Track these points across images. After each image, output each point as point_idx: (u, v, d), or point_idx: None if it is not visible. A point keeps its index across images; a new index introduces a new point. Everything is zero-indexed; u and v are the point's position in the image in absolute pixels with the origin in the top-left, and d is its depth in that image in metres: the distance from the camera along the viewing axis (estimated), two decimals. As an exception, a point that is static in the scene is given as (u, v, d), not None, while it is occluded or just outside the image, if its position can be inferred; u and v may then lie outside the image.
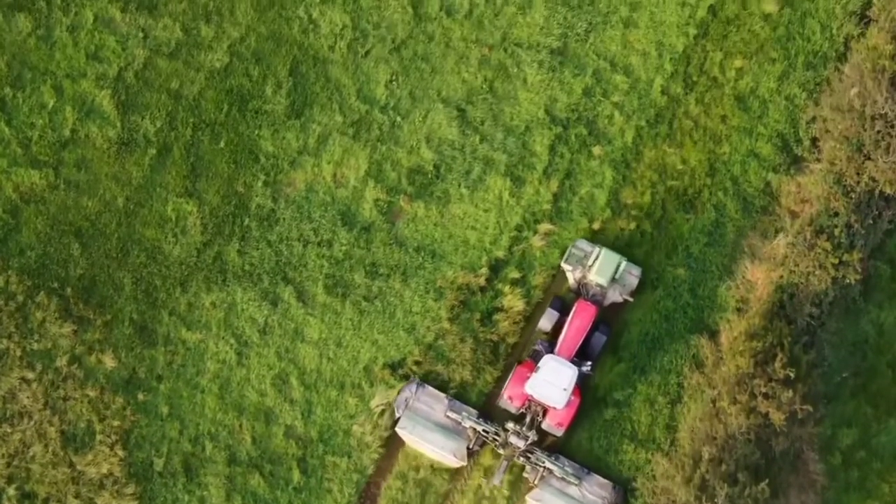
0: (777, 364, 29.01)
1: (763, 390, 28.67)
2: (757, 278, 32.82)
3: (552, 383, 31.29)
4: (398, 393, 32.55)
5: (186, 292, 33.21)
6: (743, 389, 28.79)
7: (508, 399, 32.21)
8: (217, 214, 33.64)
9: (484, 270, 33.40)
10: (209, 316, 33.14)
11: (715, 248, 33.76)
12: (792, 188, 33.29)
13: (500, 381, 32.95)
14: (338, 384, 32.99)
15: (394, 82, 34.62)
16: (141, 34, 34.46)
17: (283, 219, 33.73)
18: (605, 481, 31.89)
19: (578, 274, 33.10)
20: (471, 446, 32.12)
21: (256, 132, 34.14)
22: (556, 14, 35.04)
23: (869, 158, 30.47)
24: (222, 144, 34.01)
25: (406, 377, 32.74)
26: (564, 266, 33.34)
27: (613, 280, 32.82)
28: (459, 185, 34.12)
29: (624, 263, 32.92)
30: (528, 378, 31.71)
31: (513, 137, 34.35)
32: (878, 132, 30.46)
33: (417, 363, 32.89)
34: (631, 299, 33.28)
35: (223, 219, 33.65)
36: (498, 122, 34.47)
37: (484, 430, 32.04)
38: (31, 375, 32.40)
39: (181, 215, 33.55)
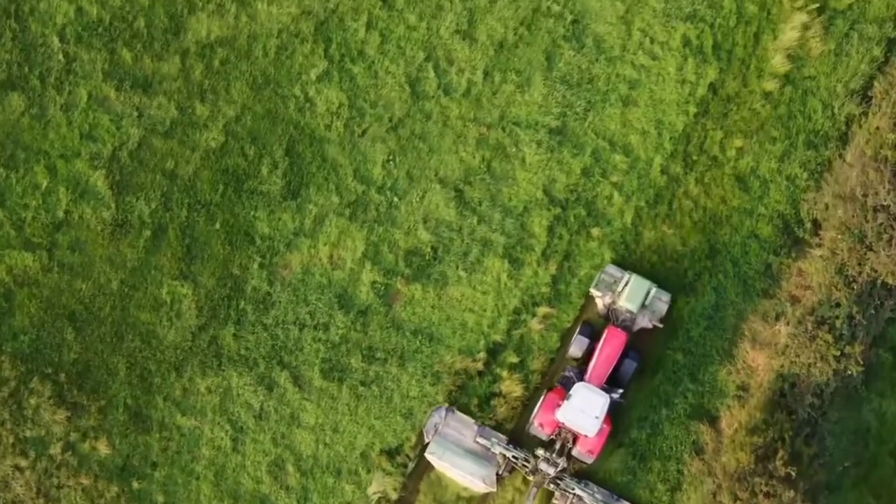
0: (778, 462, 29.38)
1: (764, 489, 28.99)
2: (758, 364, 33.14)
3: (584, 411, 32.04)
4: (427, 418, 33.31)
5: (181, 377, 33.43)
6: (744, 487, 29.14)
7: (539, 426, 33.03)
8: (212, 297, 33.91)
9: (482, 355, 33.74)
10: (204, 401, 33.38)
11: (715, 332, 34.12)
12: (793, 271, 33.65)
13: (527, 407, 33.48)
14: (334, 471, 33.21)
15: (391, 162, 34.97)
16: (135, 113, 34.78)
17: (279, 302, 34.01)
18: None
19: (608, 300, 33.90)
20: (500, 472, 33.01)
21: (252, 213, 34.44)
22: (554, 93, 35.43)
23: (871, 249, 30.84)
24: (218, 226, 34.30)
25: (404, 465, 33.01)
26: (594, 292, 34.17)
27: (643, 306, 33.53)
28: (457, 267, 34.42)
29: (654, 290, 33.68)
30: (559, 405, 32.56)
31: (511, 218, 34.67)
32: (881, 224, 30.91)
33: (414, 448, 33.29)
34: (661, 325, 34.00)
35: (218, 302, 33.92)
36: (496, 203, 34.80)
37: (514, 457, 32.93)
38: (24, 463, 32.64)
39: (176, 298, 33.80)
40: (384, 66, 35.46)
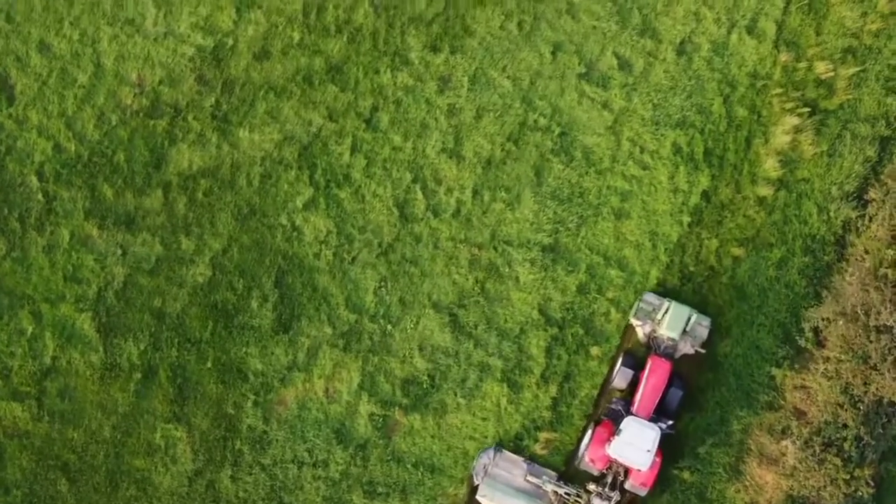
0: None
1: None
2: (766, 481, 33.48)
3: (635, 445, 32.84)
4: (476, 460, 33.97)
5: (179, 524, 33.61)
6: None
7: (590, 461, 33.74)
8: (207, 439, 34.07)
9: (485, 485, 34.03)
10: (204, 548, 33.56)
11: (721, 448, 34.51)
12: (797, 383, 33.94)
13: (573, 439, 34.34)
14: None
15: (382, 289, 35.23)
16: (119, 251, 35.00)
17: (276, 440, 34.19)
18: None
19: (648, 328, 34.78)
20: None
21: (244, 349, 34.65)
22: (545, 209, 35.77)
23: (875, 370, 31.17)
24: (209, 364, 34.50)
25: None
26: (634, 321, 34.96)
27: (684, 332, 34.25)
28: (455, 394, 34.68)
29: (694, 316, 34.53)
30: (609, 440, 33.36)
31: (508, 341, 34.97)
32: (885, 346, 31.30)
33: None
34: (703, 351, 34.70)
35: (214, 444, 34.08)
36: (492, 326, 35.08)
37: (566, 493, 33.68)
38: None
39: (170, 442, 33.96)
40: (371, 189, 35.83)
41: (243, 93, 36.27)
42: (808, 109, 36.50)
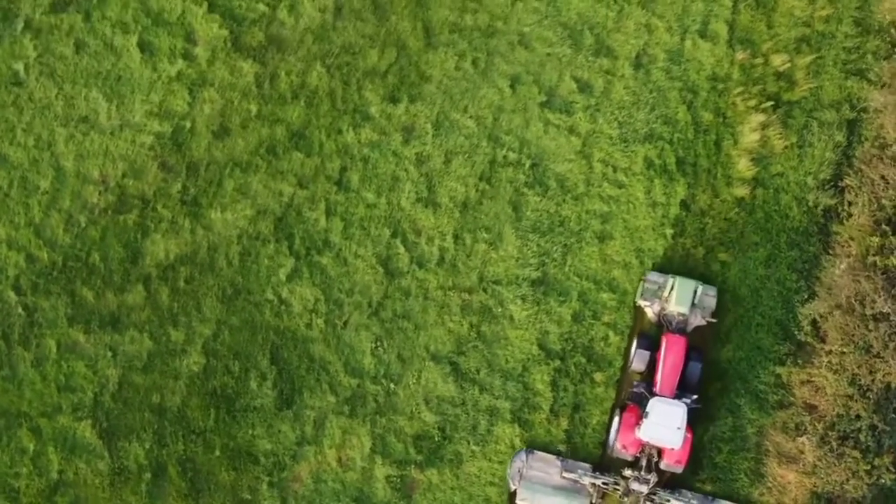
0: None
1: None
2: (788, 481, 33.80)
3: (665, 425, 33.32)
4: (510, 466, 34.24)
5: None
6: None
7: (623, 448, 34.18)
8: (228, 528, 34.05)
9: (513, 528, 34.28)
10: None
11: (739, 454, 34.89)
12: (803, 378, 34.30)
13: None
14: None
15: (379, 348, 35.28)
16: (109, 353, 34.87)
17: (297, 518, 34.23)
18: None
19: (657, 307, 35.29)
20: (593, 501, 34.10)
21: (250, 432, 34.59)
22: (528, 243, 35.97)
23: (879, 358, 31.53)
24: (218, 452, 34.42)
25: None
26: (642, 303, 35.46)
27: (693, 305, 34.76)
28: (468, 443, 34.81)
29: (700, 287, 35.08)
30: (638, 424, 33.81)
31: (512, 381, 35.14)
32: (885, 333, 31.68)
33: None
34: (714, 320, 35.18)
35: (235, 532, 34.09)
36: (494, 368, 35.23)
37: (603, 483, 34.08)
38: None
39: (191, 538, 33.89)
40: (352, 250, 35.89)
41: (209, 173, 36.33)
42: (772, 104, 36.99)
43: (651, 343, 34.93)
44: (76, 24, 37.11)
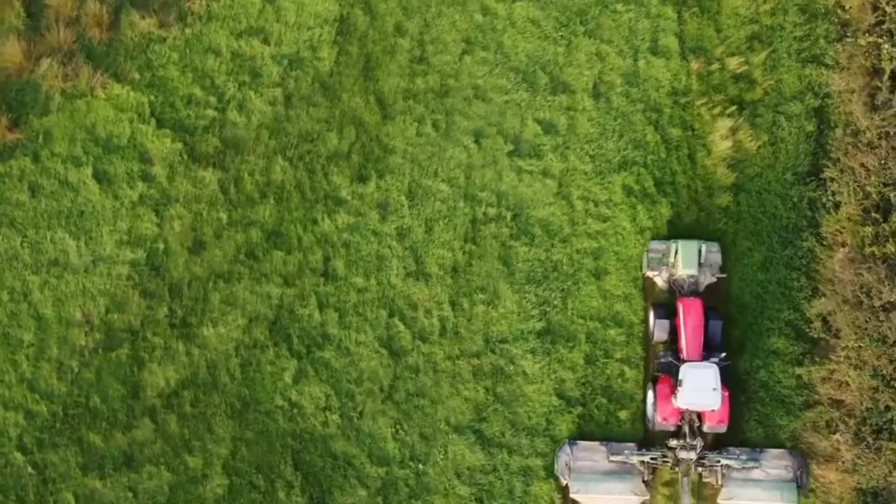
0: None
1: None
2: (830, 480, 34.09)
3: (700, 389, 33.77)
4: (556, 462, 34.56)
5: None
6: None
7: (664, 420, 34.63)
8: None
9: (570, 585, 34.33)
10: None
11: (777, 463, 35.09)
12: (823, 375, 34.60)
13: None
14: None
15: (400, 431, 35.25)
16: (130, 494, 34.56)
17: None
18: (780, 451, 34.70)
19: (665, 274, 35.79)
20: (645, 478, 34.49)
21: (289, 543, 34.42)
22: (526, 295, 36.04)
23: (896, 346, 31.91)
24: (260, 571, 34.18)
25: None
26: (649, 273, 36.01)
27: (700, 266, 35.31)
28: (509, 508, 34.90)
29: (704, 245, 35.61)
30: (674, 393, 34.19)
31: (538, 437, 35.29)
32: (897, 322, 31.96)
33: None
34: (724, 275, 35.73)
35: None
36: (518, 428, 35.30)
37: (651, 458, 34.51)
38: None
39: None
40: (352, 339, 35.80)
41: (193, 291, 36.06)
42: (736, 107, 37.40)
43: (667, 311, 35.63)
44: (26, 168, 36.71)
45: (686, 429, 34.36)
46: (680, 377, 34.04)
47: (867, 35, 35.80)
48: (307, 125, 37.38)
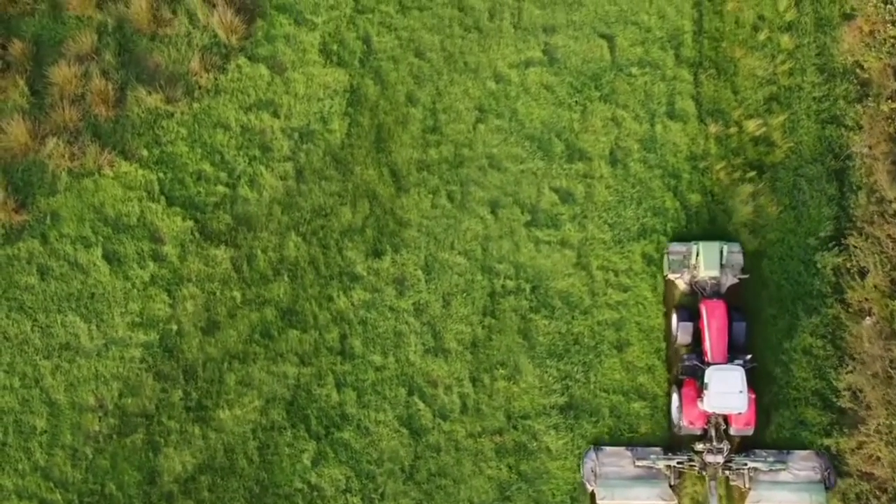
0: None
1: None
2: (863, 554, 33.95)
3: (726, 392, 34.09)
4: (582, 468, 34.75)
5: None
6: None
7: (690, 424, 34.92)
8: None
9: None
10: None
11: (807, 536, 35.02)
12: (852, 446, 34.49)
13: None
14: None
15: (423, 511, 35.19)
16: (151, 586, 34.33)
17: None
18: (807, 452, 34.98)
19: (687, 276, 36.05)
20: (672, 483, 34.71)
21: None
22: (547, 369, 35.97)
23: (929, 417, 31.85)
24: None
25: None
26: (671, 276, 36.26)
27: (721, 266, 35.62)
28: (535, 589, 34.76)
29: (725, 246, 35.89)
30: (699, 397, 34.52)
31: (565, 514, 35.18)
32: (932, 397, 31.88)
33: None
34: (746, 276, 35.95)
35: None
36: (542, 506, 35.26)
37: (678, 463, 34.80)
38: None
39: None
40: (371, 418, 35.68)
41: (207, 373, 35.96)
42: (756, 171, 37.40)
43: (690, 313, 35.94)
44: (35, 250, 36.64)
45: (712, 432, 34.83)
46: (706, 380, 34.45)
47: (890, 101, 35.90)
48: (320, 199, 37.39)
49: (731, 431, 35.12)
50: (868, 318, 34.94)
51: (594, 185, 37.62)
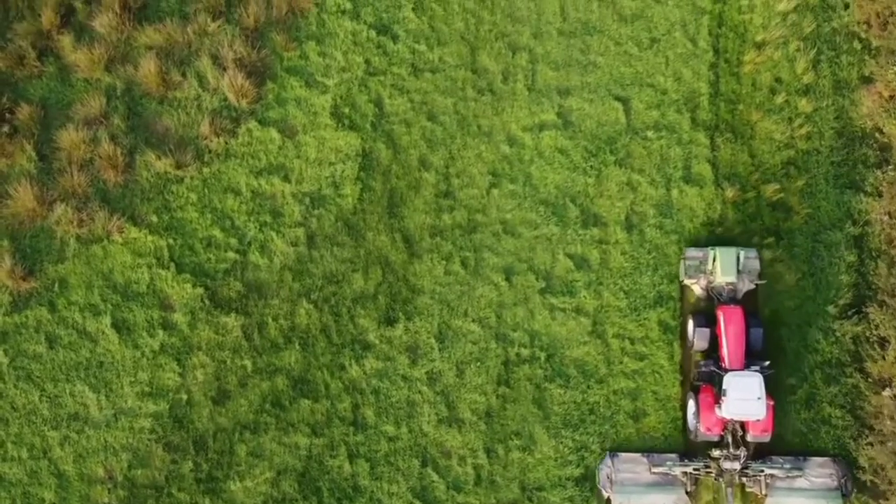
0: None
1: None
2: None
3: (745, 399, 34.26)
4: (598, 475, 34.94)
5: None
6: None
7: (707, 430, 35.04)
8: None
9: None
10: None
11: None
12: (874, 518, 34.59)
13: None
14: None
15: (437, 587, 35.04)
16: None
17: None
18: (824, 459, 35.17)
19: (703, 282, 36.27)
20: (688, 490, 34.85)
21: None
22: (563, 440, 35.98)
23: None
24: None
25: None
26: (687, 281, 36.50)
27: (738, 272, 35.83)
28: None
29: (742, 252, 36.14)
30: (717, 403, 34.67)
31: (580, 587, 35.08)
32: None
33: None
34: (763, 282, 36.20)
35: None
36: (558, 580, 35.11)
37: (694, 469, 34.95)
38: None
39: None
40: (385, 490, 35.67)
41: (218, 443, 35.90)
42: (773, 237, 37.38)
43: (707, 319, 36.08)
44: (43, 318, 36.63)
45: (729, 438, 35.02)
46: (724, 387, 34.62)
47: (910, 169, 36.01)
48: (331, 266, 37.39)
49: (749, 438, 35.29)
50: (888, 388, 34.99)
51: (609, 252, 37.66)
